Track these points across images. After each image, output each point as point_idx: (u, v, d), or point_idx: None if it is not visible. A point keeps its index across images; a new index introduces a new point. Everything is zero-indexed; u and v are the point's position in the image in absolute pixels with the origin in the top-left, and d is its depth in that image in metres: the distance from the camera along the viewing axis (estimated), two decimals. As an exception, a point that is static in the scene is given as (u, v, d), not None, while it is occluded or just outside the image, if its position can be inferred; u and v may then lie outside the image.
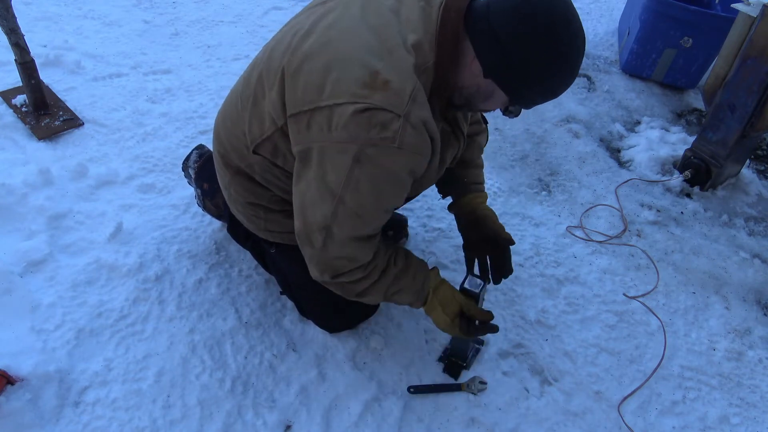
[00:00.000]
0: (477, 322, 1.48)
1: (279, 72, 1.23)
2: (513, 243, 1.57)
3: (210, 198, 1.82)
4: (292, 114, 1.20)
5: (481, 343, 1.72)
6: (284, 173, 1.37)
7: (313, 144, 1.17)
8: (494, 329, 1.49)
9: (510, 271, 1.58)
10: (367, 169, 1.15)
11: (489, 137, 1.74)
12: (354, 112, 1.11)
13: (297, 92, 1.19)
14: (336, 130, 1.13)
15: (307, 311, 1.73)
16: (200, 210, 2.01)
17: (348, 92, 1.12)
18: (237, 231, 1.72)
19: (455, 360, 1.67)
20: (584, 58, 3.18)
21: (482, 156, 1.70)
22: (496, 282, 1.59)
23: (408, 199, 1.51)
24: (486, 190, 1.70)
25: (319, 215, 1.22)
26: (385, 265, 1.36)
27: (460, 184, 1.64)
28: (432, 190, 1.97)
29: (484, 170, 1.72)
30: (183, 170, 1.92)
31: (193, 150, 1.87)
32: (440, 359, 1.70)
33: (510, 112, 1.26)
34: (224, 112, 1.50)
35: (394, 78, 1.12)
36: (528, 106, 1.25)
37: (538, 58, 1.11)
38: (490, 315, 1.48)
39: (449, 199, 1.71)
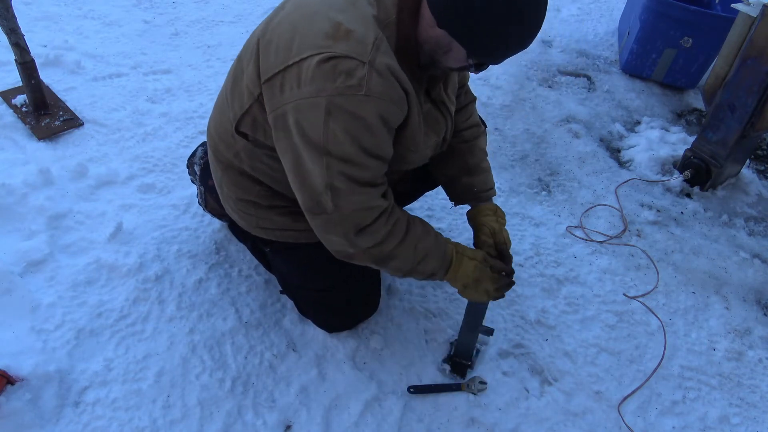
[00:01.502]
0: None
1: (254, 46, 1.26)
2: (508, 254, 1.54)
3: (214, 195, 1.82)
4: (266, 79, 1.21)
5: (490, 332, 1.69)
6: (268, 155, 1.36)
7: (288, 105, 1.18)
8: (512, 272, 1.49)
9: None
10: (340, 118, 1.15)
11: (489, 138, 1.73)
12: (318, 63, 1.12)
13: (269, 58, 1.21)
14: (305, 85, 1.14)
15: (306, 311, 1.73)
16: (200, 210, 2.01)
17: (313, 45, 1.14)
18: (237, 228, 1.72)
19: (459, 360, 1.67)
20: (584, 58, 3.21)
21: (487, 158, 1.68)
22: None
23: (401, 199, 1.48)
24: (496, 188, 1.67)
25: (318, 176, 1.21)
26: (406, 223, 1.33)
27: (471, 194, 1.61)
28: (432, 190, 1.96)
29: None
30: (188, 167, 1.92)
31: (198, 147, 1.86)
32: (445, 360, 1.70)
33: (473, 66, 1.21)
34: (214, 107, 1.52)
35: (357, 27, 1.14)
36: (488, 60, 1.19)
37: (487, 1, 1.07)
38: (511, 268, 1.48)
39: (447, 197, 1.71)
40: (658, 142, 2.65)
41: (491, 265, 1.44)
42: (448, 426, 1.57)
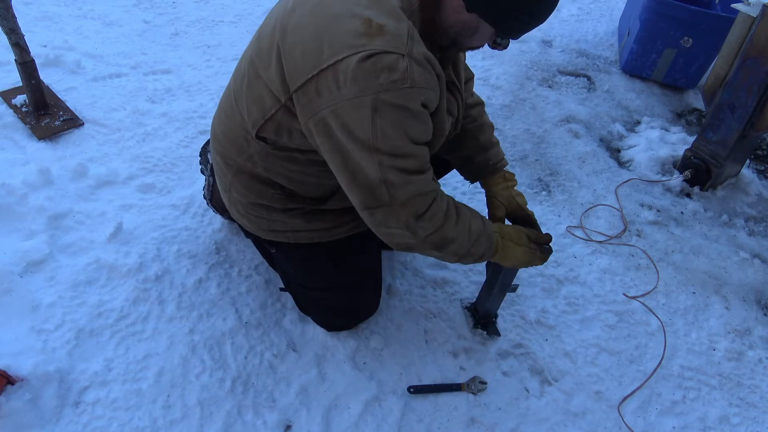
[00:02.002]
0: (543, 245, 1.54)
1: (273, 50, 1.23)
2: (532, 217, 1.62)
3: None
4: (298, 87, 1.18)
5: (515, 289, 1.71)
6: (286, 156, 1.35)
7: (326, 110, 1.16)
8: (550, 239, 1.56)
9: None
10: (388, 114, 1.14)
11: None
12: (359, 62, 1.10)
13: (296, 64, 1.18)
14: (345, 86, 1.12)
15: (307, 309, 1.73)
16: (200, 210, 2.01)
17: (347, 45, 1.12)
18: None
19: (490, 320, 1.71)
20: (584, 58, 3.21)
21: (493, 130, 1.71)
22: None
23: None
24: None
25: (371, 173, 1.20)
26: (455, 205, 1.36)
27: (487, 168, 1.65)
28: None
29: None
30: (200, 155, 1.90)
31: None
32: (476, 326, 1.74)
33: (498, 44, 1.25)
34: (219, 111, 1.50)
35: (388, 21, 1.13)
36: (516, 36, 1.23)
37: None
38: (549, 236, 1.54)
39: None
40: (658, 142, 2.65)
41: (536, 242, 1.51)
42: (448, 426, 1.57)
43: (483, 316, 1.75)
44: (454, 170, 1.80)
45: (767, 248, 2.25)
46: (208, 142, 1.85)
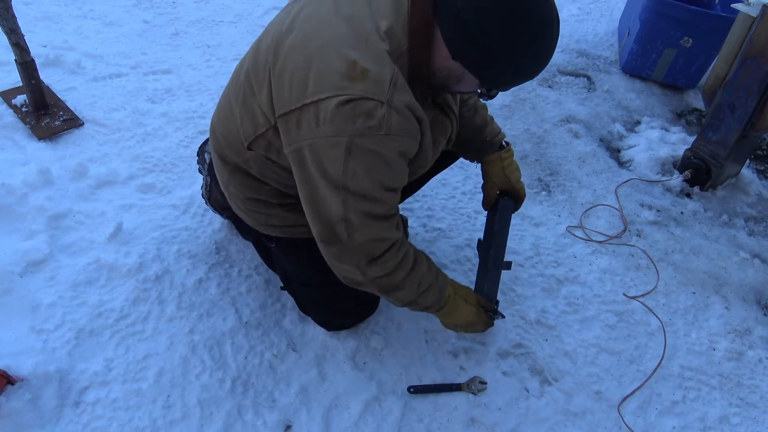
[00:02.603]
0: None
1: (266, 70, 1.25)
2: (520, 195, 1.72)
3: (219, 187, 1.82)
4: (282, 114, 1.21)
5: (509, 266, 1.72)
6: (279, 167, 1.38)
7: (304, 142, 1.18)
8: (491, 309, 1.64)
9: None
10: (361, 157, 1.16)
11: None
12: (337, 105, 1.12)
13: (284, 91, 1.20)
14: (324, 125, 1.14)
15: (306, 308, 1.73)
16: (200, 210, 2.01)
17: (330, 85, 1.13)
18: (240, 224, 1.72)
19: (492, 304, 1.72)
20: (584, 58, 3.21)
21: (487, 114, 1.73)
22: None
23: (406, 189, 1.52)
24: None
25: (333, 209, 1.23)
26: (413, 256, 1.39)
27: (486, 145, 1.68)
28: (432, 190, 1.97)
29: None
30: (198, 155, 1.91)
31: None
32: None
33: (484, 94, 1.26)
34: (218, 110, 1.52)
35: (372, 66, 1.13)
36: (501, 89, 1.24)
37: (502, 37, 1.09)
38: (491, 305, 1.63)
39: (447, 197, 1.73)
40: (658, 142, 2.65)
41: (484, 307, 1.60)
42: (448, 426, 1.57)
43: (488, 299, 1.72)
44: (455, 171, 1.80)
45: (767, 248, 2.25)
46: (205, 142, 1.86)
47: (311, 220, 1.29)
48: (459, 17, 1.11)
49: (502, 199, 1.71)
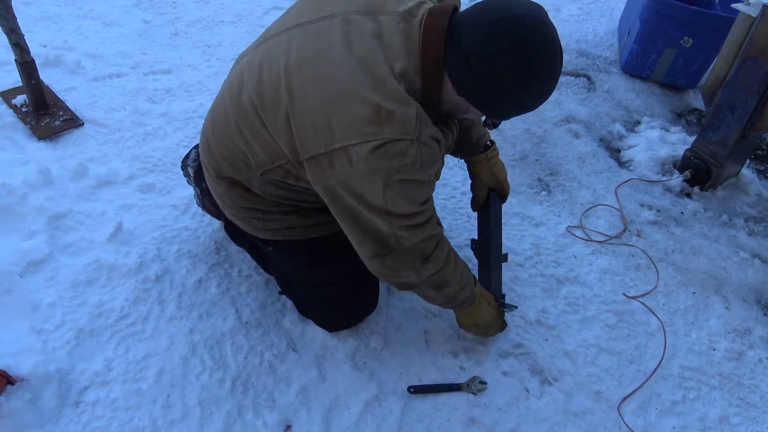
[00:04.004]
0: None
1: (280, 108, 1.23)
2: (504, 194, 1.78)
3: (209, 197, 1.82)
4: (310, 156, 1.23)
5: (506, 259, 1.82)
6: (286, 186, 1.39)
7: (338, 179, 1.22)
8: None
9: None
10: (398, 188, 1.22)
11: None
12: (371, 150, 1.16)
13: (307, 135, 1.21)
14: (358, 165, 1.18)
15: (306, 310, 1.73)
16: (200, 210, 2.01)
17: (359, 132, 1.16)
18: (233, 230, 1.72)
19: (500, 300, 1.76)
20: (584, 58, 3.21)
21: None
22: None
23: None
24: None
25: (381, 228, 1.28)
26: (453, 252, 1.48)
27: (471, 146, 1.72)
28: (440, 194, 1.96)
29: None
30: (182, 169, 1.92)
31: (192, 149, 1.86)
32: None
33: (488, 124, 1.32)
34: (214, 122, 1.46)
35: (396, 107, 1.16)
36: (505, 119, 1.31)
37: (504, 79, 1.15)
38: (502, 309, 1.74)
39: (447, 197, 1.74)
40: (658, 142, 2.65)
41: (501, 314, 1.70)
42: (448, 426, 1.57)
43: (495, 297, 1.76)
44: (455, 171, 1.81)
45: (767, 248, 2.25)
46: (187, 156, 1.83)
47: (360, 242, 1.34)
48: (465, 56, 1.15)
49: (492, 197, 1.76)
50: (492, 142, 1.76)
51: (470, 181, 1.80)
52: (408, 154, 1.17)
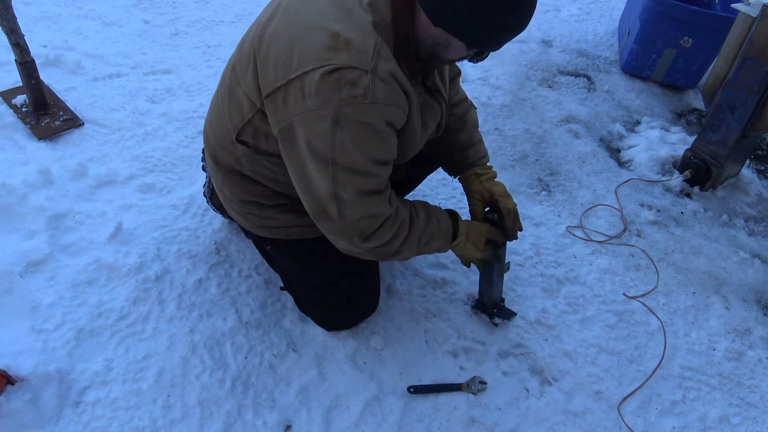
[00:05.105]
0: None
1: (250, 58, 1.26)
2: (513, 210, 1.60)
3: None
4: (268, 93, 1.21)
5: (508, 268, 1.74)
6: (269, 160, 1.38)
7: (293, 118, 1.19)
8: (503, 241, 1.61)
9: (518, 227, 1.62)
10: (348, 128, 1.16)
11: (489, 138, 1.75)
12: (322, 75, 1.13)
13: (269, 72, 1.21)
14: (310, 98, 1.15)
15: (306, 309, 1.73)
16: (200, 210, 2.01)
17: (313, 58, 1.14)
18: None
19: (501, 305, 1.77)
20: (584, 58, 3.21)
21: (478, 130, 1.71)
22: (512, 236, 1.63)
23: (397, 190, 1.52)
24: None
25: (323, 186, 1.23)
26: (409, 220, 1.37)
27: (466, 166, 1.67)
28: (432, 190, 1.96)
29: None
30: (203, 152, 1.91)
31: None
32: (494, 316, 1.79)
33: (474, 56, 1.24)
34: (210, 114, 1.53)
35: (355, 36, 1.14)
36: (489, 49, 1.22)
37: None
38: (510, 237, 1.59)
39: (447, 197, 1.72)
40: (658, 142, 2.65)
41: (492, 242, 1.58)
42: (448, 426, 1.57)
43: (493, 306, 1.78)
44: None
45: (767, 248, 2.25)
46: (203, 150, 1.85)
47: (302, 196, 1.30)
48: None
49: (502, 251, 1.65)
50: (489, 167, 1.69)
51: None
52: (359, 84, 1.12)
